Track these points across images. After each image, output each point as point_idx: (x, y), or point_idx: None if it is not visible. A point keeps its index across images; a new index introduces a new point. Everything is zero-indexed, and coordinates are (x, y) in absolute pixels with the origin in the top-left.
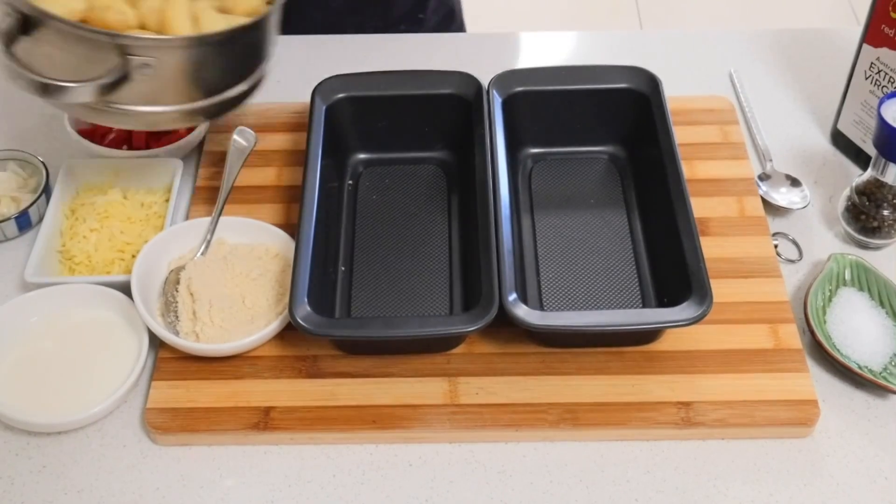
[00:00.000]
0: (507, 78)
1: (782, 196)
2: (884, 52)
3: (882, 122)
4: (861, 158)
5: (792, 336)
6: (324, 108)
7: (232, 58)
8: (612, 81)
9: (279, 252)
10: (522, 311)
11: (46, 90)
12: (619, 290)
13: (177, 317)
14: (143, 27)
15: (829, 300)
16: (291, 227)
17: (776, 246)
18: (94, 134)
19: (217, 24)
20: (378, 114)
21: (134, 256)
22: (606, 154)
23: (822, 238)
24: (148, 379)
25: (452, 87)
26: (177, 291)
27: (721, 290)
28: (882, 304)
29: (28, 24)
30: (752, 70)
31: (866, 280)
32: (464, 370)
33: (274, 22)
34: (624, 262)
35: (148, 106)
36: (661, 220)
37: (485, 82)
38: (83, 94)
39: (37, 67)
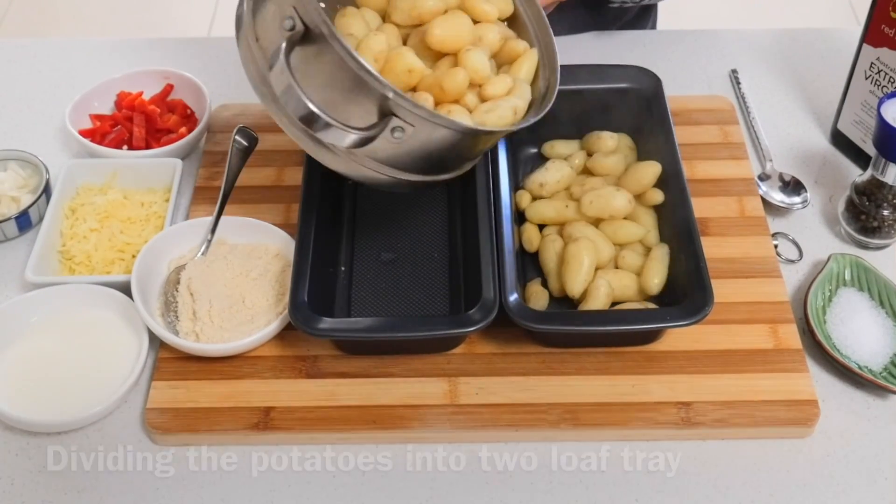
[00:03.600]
0: None
1: (782, 196)
2: (884, 52)
3: (882, 122)
4: (861, 158)
5: (792, 336)
6: None
7: (462, 150)
8: (612, 81)
9: (279, 252)
10: (523, 312)
11: (310, 119)
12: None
13: (177, 317)
14: (414, 89)
15: (829, 300)
16: (291, 227)
17: (776, 246)
18: (94, 134)
19: (486, 116)
20: None
21: (134, 256)
22: None
23: (822, 238)
24: (148, 379)
25: None
26: (177, 291)
27: (721, 290)
28: (882, 305)
29: (308, 37)
30: (752, 70)
31: (866, 280)
32: (464, 370)
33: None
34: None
35: (371, 162)
36: (662, 220)
37: None
38: (341, 139)
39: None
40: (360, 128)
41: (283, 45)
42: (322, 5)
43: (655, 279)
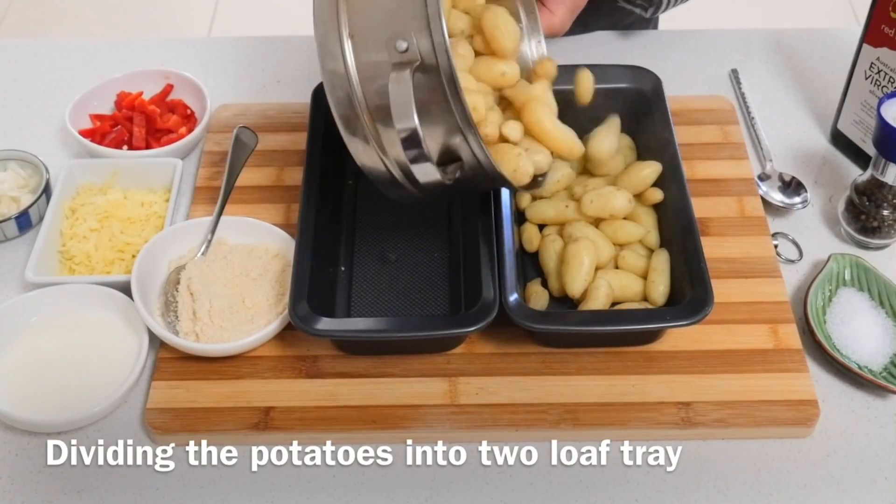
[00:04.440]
0: None
1: (782, 196)
2: (884, 52)
3: (882, 122)
4: (861, 158)
5: (792, 336)
6: (324, 108)
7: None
8: (612, 81)
9: (279, 252)
10: (523, 312)
11: (413, 145)
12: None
13: (177, 317)
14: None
15: (829, 300)
16: (291, 227)
17: (776, 246)
18: (94, 134)
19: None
20: None
21: (134, 256)
22: None
23: (822, 238)
24: (148, 379)
25: None
26: (177, 291)
27: (721, 290)
28: (882, 305)
29: (423, 68)
30: (752, 70)
31: (866, 280)
32: (464, 370)
33: None
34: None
35: (402, 176)
36: (662, 220)
37: None
38: (425, 174)
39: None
40: (442, 168)
41: (412, 67)
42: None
43: (661, 287)
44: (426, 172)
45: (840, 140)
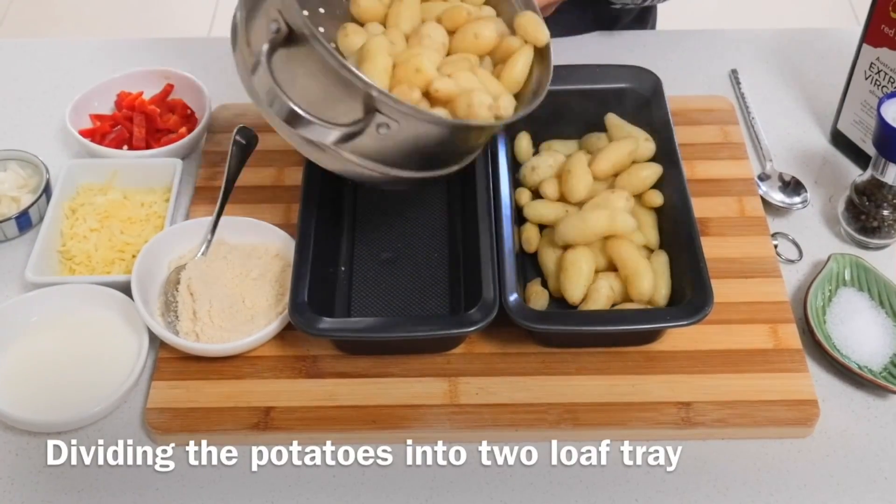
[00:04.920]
0: None
1: (782, 196)
2: (884, 52)
3: (882, 122)
4: (861, 158)
5: (792, 336)
6: None
7: (454, 145)
8: (612, 81)
9: (279, 252)
10: (523, 312)
11: (293, 118)
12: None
13: (177, 316)
14: (428, 94)
15: (829, 300)
16: (291, 227)
17: (776, 246)
18: (95, 134)
19: (477, 110)
20: None
21: (134, 256)
22: None
23: (822, 238)
24: (148, 379)
25: None
26: (177, 291)
27: (721, 290)
28: (882, 305)
29: (293, 40)
30: (752, 70)
31: (866, 280)
32: (464, 370)
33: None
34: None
35: (362, 159)
36: (662, 221)
37: None
38: (325, 135)
39: (283, 86)
40: (343, 123)
41: (265, 47)
42: (306, 13)
43: (662, 290)
44: (319, 133)
45: (840, 140)
